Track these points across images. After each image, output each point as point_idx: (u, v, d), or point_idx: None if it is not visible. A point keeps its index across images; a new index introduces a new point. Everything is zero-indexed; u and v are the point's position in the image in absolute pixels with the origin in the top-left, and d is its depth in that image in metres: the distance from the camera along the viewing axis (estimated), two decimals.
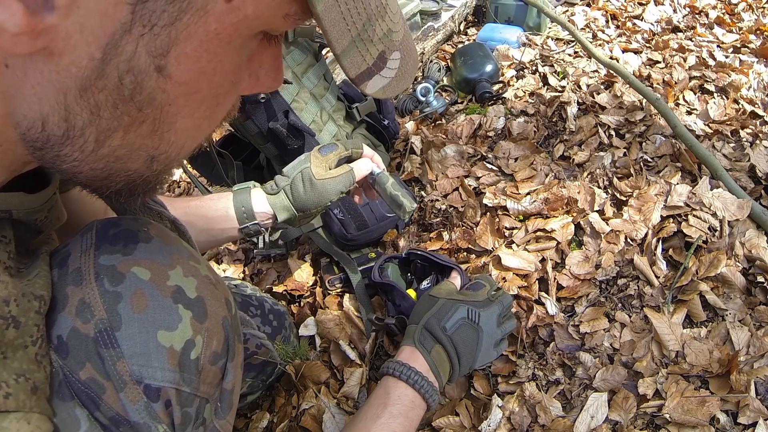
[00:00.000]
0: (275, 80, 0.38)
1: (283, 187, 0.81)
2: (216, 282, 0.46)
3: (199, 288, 0.43)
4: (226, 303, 0.46)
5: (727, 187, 1.08)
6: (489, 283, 0.87)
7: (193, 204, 0.80)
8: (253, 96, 1.09)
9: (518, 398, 0.90)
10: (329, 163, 0.81)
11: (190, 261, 0.45)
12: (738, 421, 0.78)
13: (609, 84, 1.50)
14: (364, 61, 0.33)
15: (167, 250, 0.44)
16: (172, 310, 0.40)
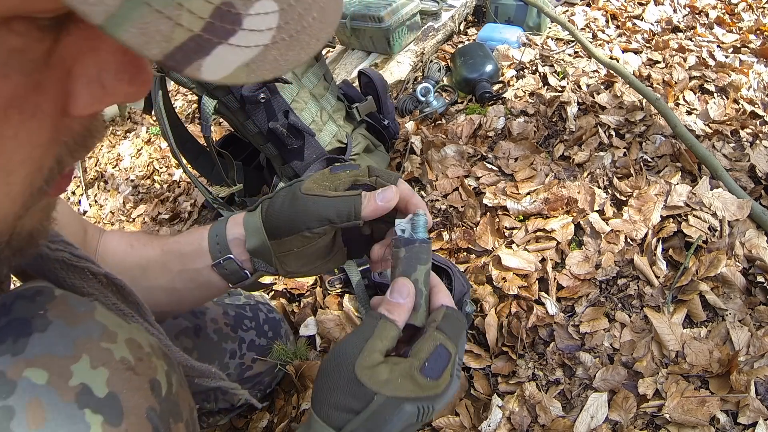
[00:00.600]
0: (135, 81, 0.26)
1: (262, 202, 0.60)
2: (138, 362, 0.39)
3: (111, 381, 0.36)
4: (152, 387, 0.40)
5: (727, 187, 1.08)
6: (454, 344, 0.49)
7: (171, 240, 0.67)
8: (253, 96, 1.09)
9: (518, 398, 0.90)
10: (337, 183, 0.58)
11: (102, 342, 0.38)
12: (738, 421, 0.78)
13: (609, 84, 1.50)
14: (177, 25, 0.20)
15: (70, 336, 0.37)
16: (77, 418, 0.33)
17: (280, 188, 0.59)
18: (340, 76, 1.85)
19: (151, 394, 0.39)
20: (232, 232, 0.61)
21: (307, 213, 0.54)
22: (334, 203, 0.54)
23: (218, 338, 0.87)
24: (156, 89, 1.16)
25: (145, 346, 0.42)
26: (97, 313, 0.40)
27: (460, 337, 0.49)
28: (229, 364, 0.88)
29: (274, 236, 0.57)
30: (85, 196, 2.33)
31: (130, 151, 2.46)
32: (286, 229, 0.56)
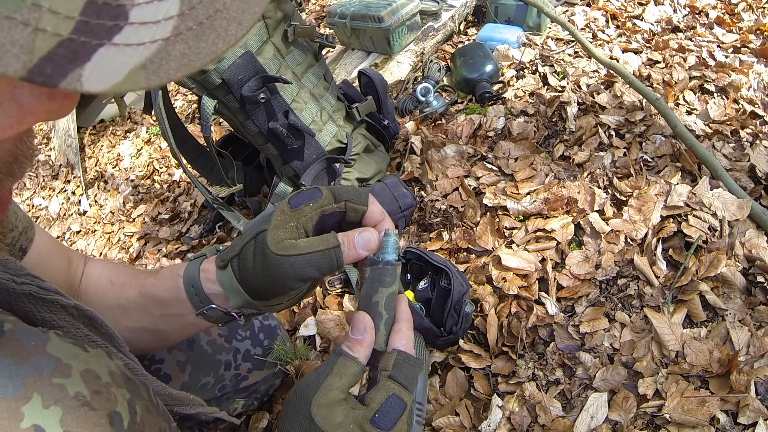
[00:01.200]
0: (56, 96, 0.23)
1: (230, 260, 0.53)
2: (95, 395, 0.38)
3: (65, 420, 0.35)
4: (111, 421, 0.38)
5: (727, 187, 1.08)
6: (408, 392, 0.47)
7: (148, 282, 0.62)
8: (253, 96, 1.09)
9: (518, 398, 0.90)
10: (304, 221, 0.50)
11: (55, 377, 0.36)
12: (738, 421, 0.78)
13: (609, 84, 1.50)
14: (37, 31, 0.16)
15: (20, 375, 0.35)
16: None
17: (243, 244, 0.52)
18: (340, 76, 1.85)
19: (110, 429, 0.37)
20: (208, 287, 0.56)
21: (286, 276, 0.49)
22: (312, 261, 0.48)
23: (212, 350, 0.86)
24: (156, 89, 1.16)
25: (104, 376, 0.40)
26: (50, 346, 0.38)
27: (414, 384, 0.46)
28: (224, 376, 0.87)
29: (258, 297, 0.53)
30: (85, 196, 2.33)
31: (130, 151, 2.46)
32: (269, 291, 0.52)
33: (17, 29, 0.16)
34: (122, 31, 0.18)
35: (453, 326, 0.95)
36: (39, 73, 0.17)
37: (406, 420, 0.44)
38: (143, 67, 0.19)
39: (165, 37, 0.19)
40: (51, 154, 2.81)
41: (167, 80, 0.20)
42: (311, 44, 1.25)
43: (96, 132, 2.78)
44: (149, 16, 0.18)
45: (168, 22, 0.19)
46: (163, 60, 0.19)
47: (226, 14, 0.20)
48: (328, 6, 2.24)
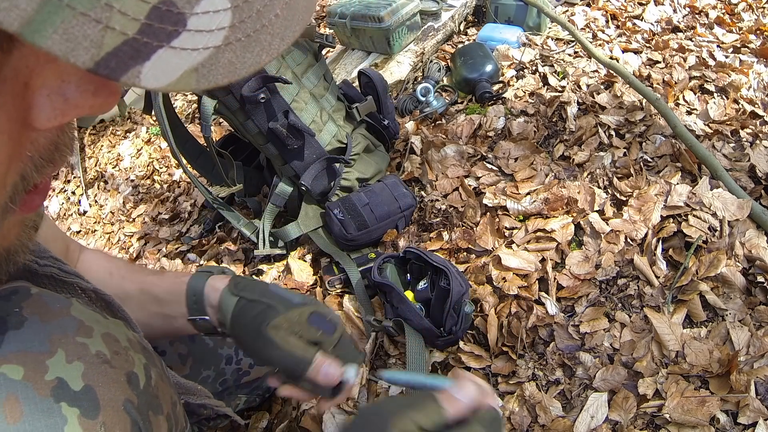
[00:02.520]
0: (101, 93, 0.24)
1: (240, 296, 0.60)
2: (114, 355, 0.40)
3: (86, 374, 0.37)
4: (129, 380, 0.40)
5: (727, 187, 1.08)
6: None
7: (149, 280, 0.68)
8: (253, 96, 1.09)
9: (518, 398, 0.90)
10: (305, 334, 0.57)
11: (78, 336, 0.38)
12: (738, 421, 0.78)
13: (609, 84, 1.50)
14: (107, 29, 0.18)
15: (46, 332, 0.37)
16: (53, 412, 0.34)
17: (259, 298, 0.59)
18: (340, 76, 1.85)
19: (127, 387, 0.39)
20: (211, 299, 0.63)
21: (258, 352, 0.57)
22: (284, 358, 0.56)
23: (214, 344, 0.87)
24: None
25: (122, 341, 0.42)
26: (74, 309, 0.41)
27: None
28: (225, 370, 0.87)
29: (235, 338, 0.61)
30: (85, 196, 2.33)
31: (130, 151, 2.46)
32: (243, 346, 0.62)
33: (90, 25, 0.18)
34: (180, 36, 0.20)
35: (453, 326, 0.95)
36: (104, 67, 0.19)
37: None
38: (195, 70, 0.21)
39: (216, 45, 0.21)
40: None
41: (215, 84, 0.22)
42: (311, 44, 1.25)
43: (96, 132, 2.78)
44: (204, 25, 0.20)
45: (220, 32, 0.21)
46: (213, 66, 0.21)
47: (271, 30, 0.22)
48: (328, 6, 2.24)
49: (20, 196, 0.28)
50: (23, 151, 0.26)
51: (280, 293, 0.61)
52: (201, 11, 0.20)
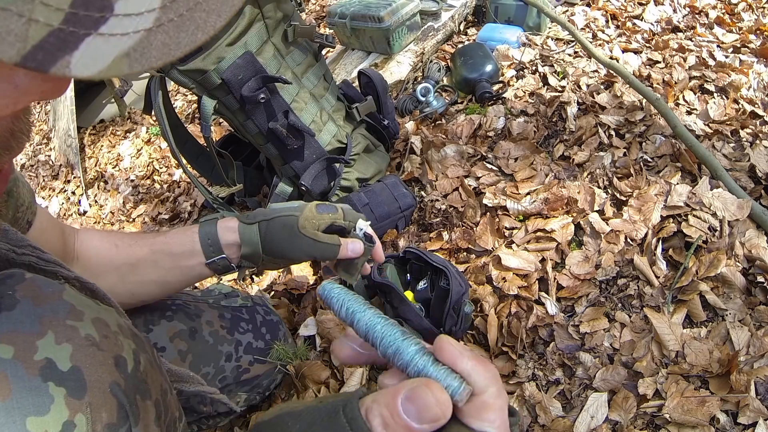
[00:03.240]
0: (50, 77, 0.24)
1: (259, 221, 0.73)
2: (103, 338, 0.41)
3: (74, 356, 0.37)
4: (117, 363, 0.41)
5: (727, 187, 1.08)
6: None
7: (158, 241, 0.74)
8: (253, 96, 1.09)
9: (518, 398, 0.90)
10: (320, 223, 0.73)
11: (68, 320, 0.39)
12: (738, 421, 0.78)
13: (609, 84, 1.50)
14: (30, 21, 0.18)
15: (37, 314, 0.38)
16: (41, 391, 0.35)
17: (276, 215, 0.72)
18: (340, 76, 1.85)
19: (115, 370, 0.40)
20: (226, 238, 0.73)
21: (300, 250, 0.71)
22: (321, 248, 0.72)
23: (214, 341, 0.87)
24: (156, 89, 1.16)
25: (112, 326, 0.43)
26: (66, 294, 0.42)
27: None
28: (225, 367, 0.87)
29: (268, 254, 0.72)
30: (85, 196, 2.33)
31: (130, 151, 2.46)
32: (279, 254, 0.72)
33: (12, 20, 0.18)
34: (108, 22, 0.19)
35: (452, 326, 0.95)
36: (32, 60, 0.19)
37: None
38: (127, 55, 0.20)
39: (147, 27, 0.20)
40: (51, 154, 2.81)
41: (149, 68, 0.21)
42: (311, 44, 1.25)
43: (96, 132, 2.78)
44: (133, 8, 0.20)
45: (150, 14, 0.20)
46: (145, 49, 0.21)
47: (206, 6, 0.22)
48: (328, 6, 2.24)
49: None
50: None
51: (281, 207, 0.74)
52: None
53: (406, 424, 0.30)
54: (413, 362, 0.32)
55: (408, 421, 0.30)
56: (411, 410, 0.30)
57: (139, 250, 0.74)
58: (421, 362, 0.32)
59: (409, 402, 0.30)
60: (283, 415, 0.37)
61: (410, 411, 0.30)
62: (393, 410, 0.30)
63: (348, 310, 0.37)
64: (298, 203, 0.76)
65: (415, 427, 0.30)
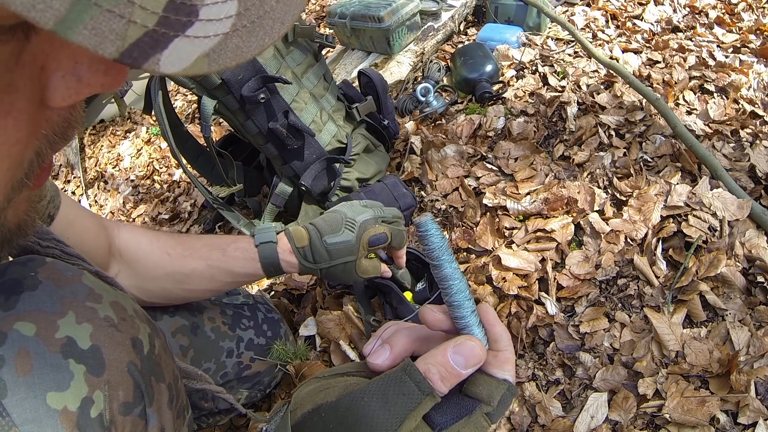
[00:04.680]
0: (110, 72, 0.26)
1: (320, 268, 0.78)
2: (121, 321, 0.42)
3: (94, 335, 0.39)
4: (134, 344, 0.42)
5: (727, 187, 1.08)
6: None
7: (215, 257, 0.76)
8: (253, 96, 1.09)
9: (518, 398, 0.90)
10: (365, 246, 0.79)
11: (88, 302, 0.41)
12: (738, 421, 0.78)
13: (609, 84, 1.50)
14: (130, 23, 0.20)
15: (58, 295, 0.40)
16: (61, 367, 0.36)
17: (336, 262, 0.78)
18: (340, 76, 1.85)
19: (132, 351, 0.42)
20: (287, 269, 0.78)
21: (352, 279, 0.81)
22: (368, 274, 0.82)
23: (215, 336, 0.87)
24: (156, 89, 1.16)
25: (129, 310, 0.45)
26: (85, 278, 0.43)
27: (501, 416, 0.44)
28: (226, 363, 0.88)
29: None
30: (85, 196, 2.33)
31: (130, 151, 2.46)
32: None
33: (115, 20, 0.20)
34: (193, 26, 0.22)
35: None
36: (128, 56, 0.21)
37: None
38: (207, 55, 0.23)
39: (225, 32, 0.23)
40: None
41: (224, 67, 0.24)
42: (311, 44, 1.25)
43: (96, 132, 2.78)
44: (214, 15, 0.22)
45: (228, 20, 0.23)
46: (221, 51, 0.23)
47: (272, 15, 0.24)
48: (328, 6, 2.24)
49: (34, 173, 0.30)
50: (39, 130, 0.28)
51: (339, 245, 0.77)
52: (211, 2, 0.22)
53: (457, 372, 0.38)
54: (466, 318, 0.41)
55: (458, 369, 0.38)
56: (459, 360, 0.39)
57: (194, 262, 0.75)
58: (472, 320, 0.42)
59: (457, 354, 0.39)
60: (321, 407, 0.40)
61: (459, 360, 0.39)
62: (446, 364, 0.38)
63: (440, 251, 0.42)
64: (352, 237, 0.78)
65: (463, 372, 0.39)
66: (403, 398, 0.37)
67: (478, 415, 0.39)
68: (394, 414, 0.37)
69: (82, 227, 0.68)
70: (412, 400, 0.37)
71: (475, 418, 0.39)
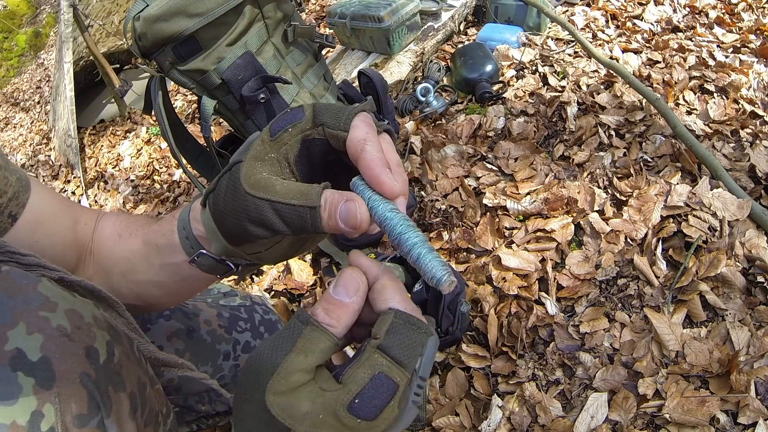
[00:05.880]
0: None
1: (207, 195, 0.46)
2: (75, 329, 0.41)
3: (44, 346, 0.38)
4: (88, 354, 0.40)
5: (727, 187, 1.08)
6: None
7: (150, 230, 0.59)
8: (253, 96, 1.09)
9: (518, 398, 0.90)
10: (284, 151, 0.41)
11: (41, 311, 0.40)
12: (738, 421, 0.78)
13: (609, 84, 1.50)
14: None
15: (9, 305, 0.39)
16: (10, 381, 0.36)
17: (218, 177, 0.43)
18: (340, 76, 1.85)
19: (86, 360, 0.40)
20: (195, 229, 0.51)
21: (249, 218, 0.40)
22: (282, 212, 0.39)
23: (212, 340, 0.87)
24: (156, 89, 1.16)
25: (87, 317, 0.43)
26: (41, 286, 0.42)
27: (415, 356, 0.35)
28: (223, 366, 0.87)
29: (232, 242, 0.45)
30: (85, 196, 2.33)
31: (130, 151, 2.46)
32: (239, 234, 0.42)
33: None
34: None
35: (449, 327, 0.95)
36: None
37: (397, 405, 0.34)
38: None
39: None
40: (51, 154, 2.81)
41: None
42: (311, 44, 1.25)
43: (96, 132, 2.78)
44: None
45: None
46: None
47: None
48: (328, 6, 2.24)
49: None
50: None
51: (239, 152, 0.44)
52: None
53: (338, 300, 0.37)
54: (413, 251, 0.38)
55: (337, 298, 0.37)
56: (338, 289, 0.37)
57: (135, 241, 0.60)
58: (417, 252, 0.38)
59: (335, 285, 0.38)
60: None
61: (337, 289, 0.37)
62: (326, 296, 0.37)
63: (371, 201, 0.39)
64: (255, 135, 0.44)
65: (346, 300, 0.37)
66: (287, 332, 0.36)
67: (369, 351, 0.35)
68: (278, 347, 0.35)
69: (54, 227, 0.62)
70: (294, 332, 0.36)
71: (367, 355, 0.35)
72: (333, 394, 0.34)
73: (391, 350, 0.35)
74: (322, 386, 0.35)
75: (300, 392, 0.34)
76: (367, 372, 0.34)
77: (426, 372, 0.36)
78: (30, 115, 3.79)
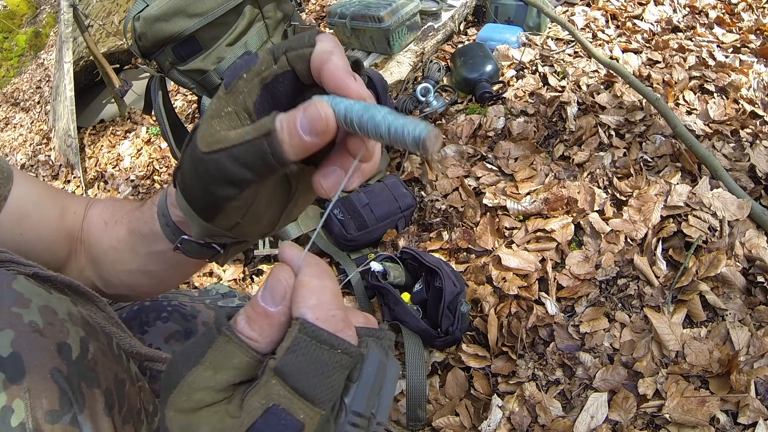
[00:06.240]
0: None
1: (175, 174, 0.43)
2: (48, 325, 0.41)
3: (15, 341, 0.38)
4: (60, 349, 0.40)
5: (727, 187, 1.08)
6: None
7: (135, 217, 0.55)
8: None
9: (518, 398, 0.90)
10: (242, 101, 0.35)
11: (14, 307, 0.40)
12: (738, 421, 0.78)
13: (609, 84, 1.50)
14: None
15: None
16: None
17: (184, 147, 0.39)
18: None
19: (57, 356, 0.40)
20: (173, 214, 0.48)
21: (211, 179, 0.35)
22: (236, 156, 0.33)
23: None
24: (156, 89, 1.16)
25: (61, 314, 0.43)
26: (16, 283, 0.42)
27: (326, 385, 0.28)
28: None
29: (207, 217, 0.40)
30: (85, 196, 2.33)
31: (130, 151, 2.46)
32: (209, 203, 0.38)
33: None
34: None
35: (449, 327, 0.95)
36: None
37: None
38: None
39: None
40: (51, 154, 2.81)
41: None
42: None
43: (96, 132, 2.78)
44: None
45: None
46: None
47: None
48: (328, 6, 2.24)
49: None
50: None
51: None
52: None
53: (263, 308, 0.29)
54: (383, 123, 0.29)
55: (263, 306, 0.29)
56: (264, 293, 0.30)
57: (120, 228, 0.57)
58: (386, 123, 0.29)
59: (263, 289, 0.30)
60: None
61: (264, 294, 0.30)
62: (252, 302, 0.30)
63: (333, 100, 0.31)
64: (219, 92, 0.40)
65: (271, 310, 0.29)
66: (201, 339, 0.30)
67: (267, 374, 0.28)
68: (188, 356, 0.30)
69: (40, 218, 0.60)
70: (208, 341, 0.29)
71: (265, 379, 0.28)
72: (232, 422, 0.27)
73: (289, 377, 0.27)
74: (230, 411, 0.28)
75: (203, 414, 0.28)
76: (261, 401, 0.27)
77: (374, 407, 0.29)
78: (30, 115, 3.79)
